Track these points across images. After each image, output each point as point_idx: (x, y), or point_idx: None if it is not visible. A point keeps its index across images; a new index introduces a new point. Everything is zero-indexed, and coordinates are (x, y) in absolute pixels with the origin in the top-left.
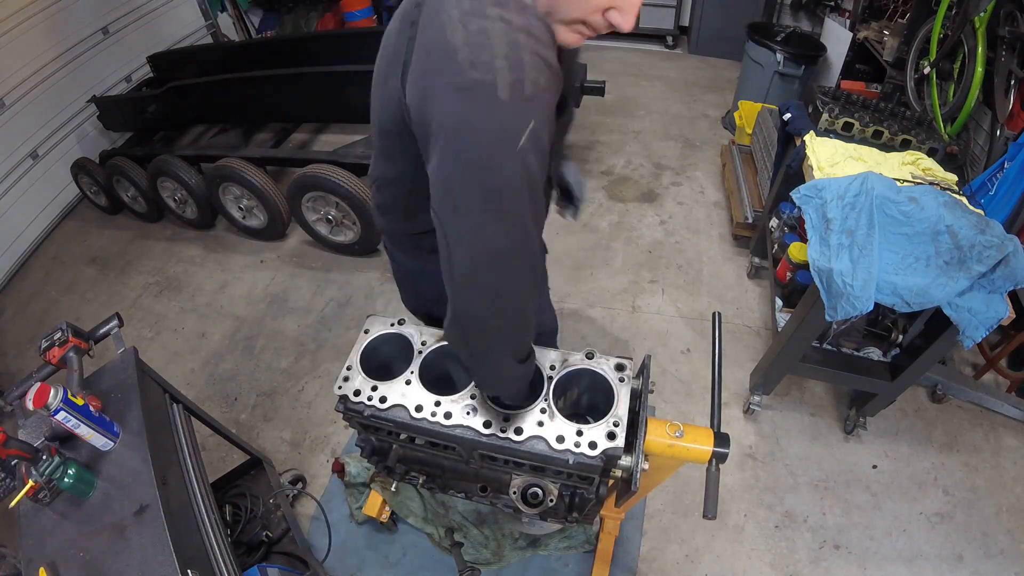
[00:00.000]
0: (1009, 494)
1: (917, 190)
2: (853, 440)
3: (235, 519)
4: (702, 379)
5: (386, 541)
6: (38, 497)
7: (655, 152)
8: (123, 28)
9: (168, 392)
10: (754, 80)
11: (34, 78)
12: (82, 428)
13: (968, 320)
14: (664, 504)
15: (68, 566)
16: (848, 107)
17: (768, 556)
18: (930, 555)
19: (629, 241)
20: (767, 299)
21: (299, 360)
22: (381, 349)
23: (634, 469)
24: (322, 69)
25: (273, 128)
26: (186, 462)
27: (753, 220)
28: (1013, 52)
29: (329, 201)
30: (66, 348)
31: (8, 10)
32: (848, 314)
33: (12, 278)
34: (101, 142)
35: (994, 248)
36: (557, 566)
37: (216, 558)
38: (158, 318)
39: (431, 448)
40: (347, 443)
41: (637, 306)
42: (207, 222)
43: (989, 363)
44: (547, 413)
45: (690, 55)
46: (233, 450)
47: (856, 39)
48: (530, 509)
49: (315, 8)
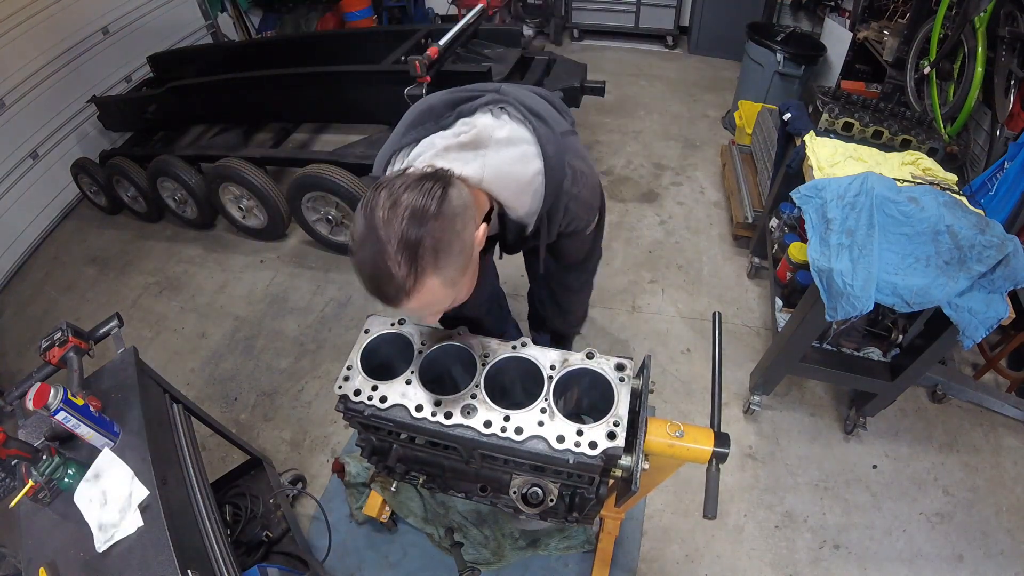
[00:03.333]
0: (1009, 494)
1: (917, 190)
2: (853, 440)
3: (235, 519)
4: (702, 379)
5: (386, 541)
6: (38, 497)
7: (655, 152)
8: (123, 28)
9: (168, 392)
10: (754, 80)
11: (34, 78)
12: (82, 428)
13: (968, 320)
14: (664, 504)
15: (68, 566)
16: (848, 107)
17: (768, 556)
18: (930, 555)
19: (629, 241)
20: (767, 299)
21: (299, 360)
22: (381, 349)
23: (634, 469)
24: (322, 69)
25: (273, 128)
26: (186, 462)
27: (753, 220)
28: (1013, 52)
29: (329, 201)
30: (66, 348)
31: (8, 10)
32: (848, 314)
33: (12, 278)
34: (101, 142)
35: (994, 248)
36: (557, 566)
37: (216, 558)
38: (158, 318)
39: (431, 448)
40: (347, 443)
41: (637, 306)
42: (207, 222)
43: (989, 363)
44: (547, 413)
45: (690, 55)
46: (233, 450)
47: (856, 39)
48: (530, 509)
49: (315, 8)
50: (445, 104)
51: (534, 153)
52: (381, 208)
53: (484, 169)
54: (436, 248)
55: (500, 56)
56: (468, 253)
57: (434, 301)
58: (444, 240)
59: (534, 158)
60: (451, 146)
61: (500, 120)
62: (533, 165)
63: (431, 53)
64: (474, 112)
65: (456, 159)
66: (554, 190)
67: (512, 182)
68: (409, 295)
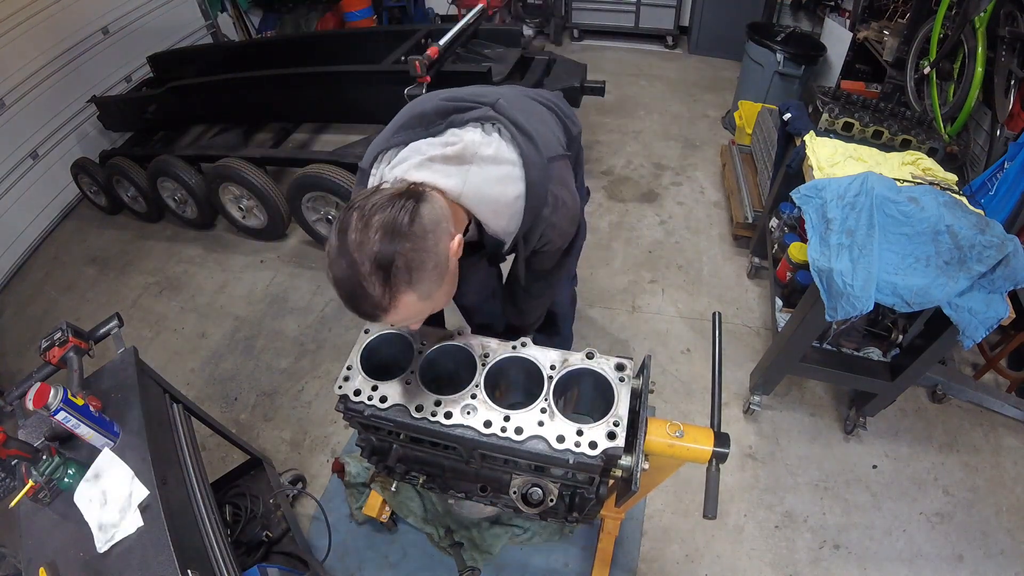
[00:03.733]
0: (1009, 494)
1: (917, 190)
2: (853, 440)
3: (235, 519)
4: (702, 379)
5: (386, 541)
6: (38, 497)
7: (655, 152)
8: (123, 28)
9: (168, 392)
10: (754, 80)
11: (34, 78)
12: (82, 428)
13: (968, 320)
14: (664, 504)
15: (68, 566)
16: (848, 107)
17: (768, 556)
18: (930, 555)
19: (629, 241)
20: (767, 299)
21: (299, 360)
22: (381, 349)
23: (634, 469)
24: (322, 69)
25: (273, 128)
26: (186, 462)
27: (753, 220)
28: (1013, 52)
29: (329, 201)
30: (66, 348)
31: (8, 10)
32: (848, 314)
33: (12, 278)
34: (101, 142)
35: (994, 248)
36: (557, 566)
37: (216, 558)
38: (158, 318)
39: (431, 448)
40: (347, 443)
41: (637, 306)
42: (207, 222)
43: (989, 363)
44: (547, 413)
45: (690, 55)
46: (233, 450)
47: (856, 39)
48: (530, 509)
49: (315, 8)
50: (437, 112)
51: (518, 176)
52: (353, 230)
53: (465, 185)
54: (409, 266)
55: (500, 56)
56: (443, 266)
57: (412, 315)
58: (416, 258)
59: (517, 180)
60: (436, 156)
61: (489, 137)
62: (515, 188)
63: (431, 53)
64: (465, 124)
65: (439, 171)
66: (532, 215)
67: (492, 201)
68: (387, 311)
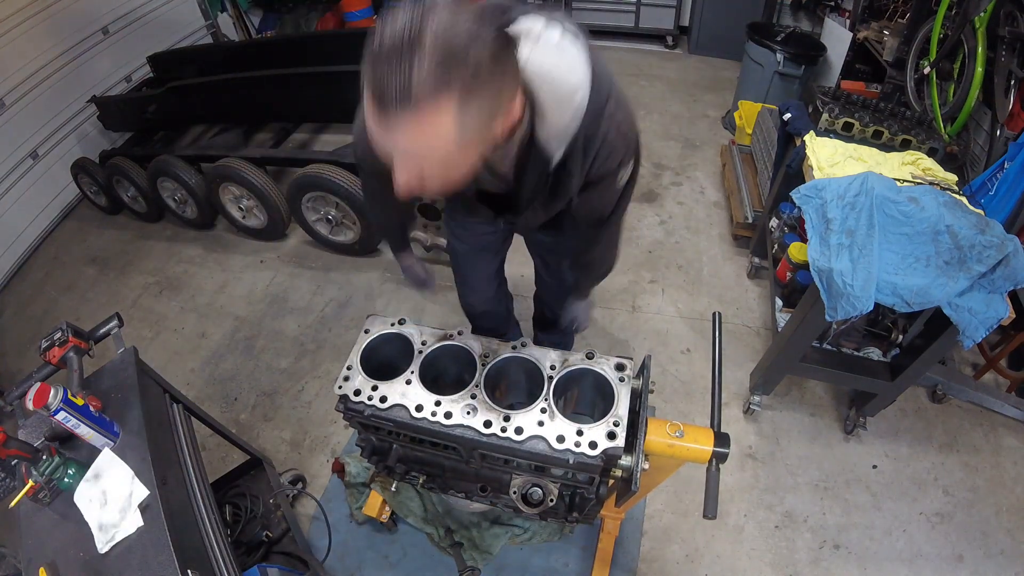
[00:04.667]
0: (1009, 494)
1: (917, 190)
2: (853, 440)
3: (235, 519)
4: (702, 379)
5: (386, 541)
6: (38, 497)
7: (655, 152)
8: (123, 28)
9: (168, 392)
10: (754, 80)
11: (34, 78)
12: (82, 428)
13: (968, 320)
14: (664, 504)
15: (68, 566)
16: (848, 107)
17: (768, 556)
18: (930, 555)
19: (629, 241)
20: (767, 299)
21: (299, 360)
22: (381, 349)
23: (634, 469)
24: (322, 69)
25: (273, 128)
26: (186, 462)
27: (753, 220)
28: (1013, 52)
29: (329, 201)
30: (66, 348)
31: (8, 10)
32: (848, 314)
33: (12, 278)
34: (101, 142)
35: (994, 248)
36: (557, 566)
37: (216, 558)
38: (158, 318)
39: (431, 448)
40: (347, 443)
41: (637, 306)
42: (207, 222)
43: (989, 363)
44: (547, 413)
45: (690, 55)
46: (233, 450)
47: (856, 39)
48: (530, 509)
49: (315, 8)
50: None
51: (583, 61)
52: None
53: (530, 56)
54: (477, 73)
55: None
56: (495, 114)
57: (426, 140)
58: (485, 73)
59: (582, 66)
60: None
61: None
62: (579, 74)
63: None
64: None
65: None
66: (595, 110)
67: (556, 84)
68: (410, 105)
